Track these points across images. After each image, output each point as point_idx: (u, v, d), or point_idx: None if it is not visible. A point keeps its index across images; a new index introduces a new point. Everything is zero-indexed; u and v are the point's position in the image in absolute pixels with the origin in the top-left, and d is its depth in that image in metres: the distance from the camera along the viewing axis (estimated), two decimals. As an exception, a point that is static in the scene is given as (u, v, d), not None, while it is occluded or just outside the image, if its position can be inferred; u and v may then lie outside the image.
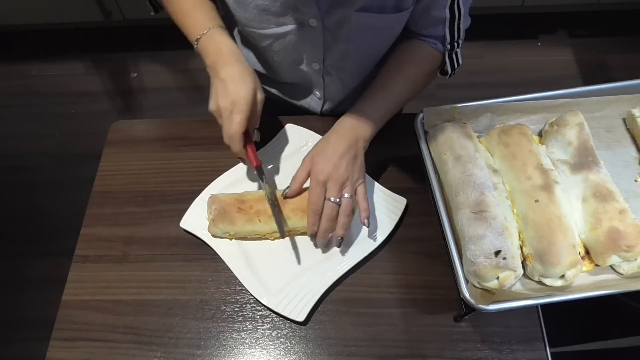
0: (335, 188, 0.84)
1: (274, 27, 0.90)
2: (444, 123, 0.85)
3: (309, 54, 0.96)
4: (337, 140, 0.87)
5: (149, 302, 0.88)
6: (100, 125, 1.53)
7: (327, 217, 0.84)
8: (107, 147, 1.06)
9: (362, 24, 0.87)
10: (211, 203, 0.90)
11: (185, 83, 2.48)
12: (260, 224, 0.88)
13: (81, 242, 0.95)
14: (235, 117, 0.82)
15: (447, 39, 0.92)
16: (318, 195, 0.84)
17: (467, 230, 0.73)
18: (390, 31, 0.92)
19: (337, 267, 0.88)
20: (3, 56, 2.61)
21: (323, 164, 0.85)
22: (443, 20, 0.89)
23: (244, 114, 0.82)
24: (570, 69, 2.40)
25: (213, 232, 0.90)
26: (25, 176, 2.22)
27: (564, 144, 0.82)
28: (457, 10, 0.88)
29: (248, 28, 0.93)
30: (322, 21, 0.87)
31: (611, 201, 0.75)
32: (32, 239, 2.04)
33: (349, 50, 0.93)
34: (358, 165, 0.87)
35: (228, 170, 0.99)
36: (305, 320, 0.84)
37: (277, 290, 0.86)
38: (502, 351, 0.81)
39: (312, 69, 1.00)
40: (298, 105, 1.14)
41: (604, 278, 0.75)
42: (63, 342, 0.85)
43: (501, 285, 0.71)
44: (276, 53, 0.97)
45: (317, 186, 0.84)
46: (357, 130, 0.89)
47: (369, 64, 1.02)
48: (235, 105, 0.82)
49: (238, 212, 0.88)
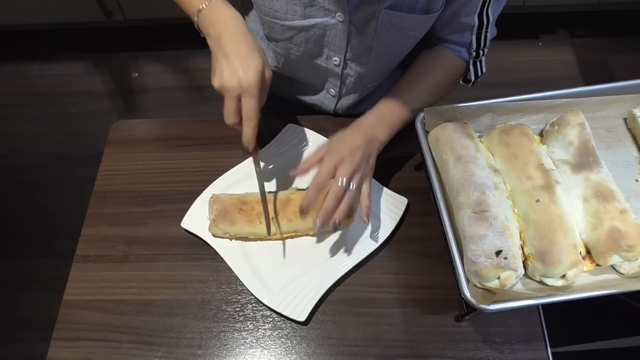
0: (347, 171, 0.81)
1: (299, 19, 0.89)
2: (445, 123, 0.85)
3: (331, 47, 0.95)
4: (355, 134, 0.87)
5: (150, 302, 0.88)
6: (101, 125, 1.53)
7: (333, 194, 0.81)
8: (108, 147, 1.06)
9: (389, 22, 0.86)
10: (212, 203, 0.90)
11: (186, 83, 2.48)
12: (261, 225, 0.89)
13: (82, 242, 0.95)
14: (248, 102, 0.77)
15: (473, 46, 0.92)
16: (327, 174, 0.81)
17: (468, 230, 0.73)
18: (415, 33, 0.91)
19: (338, 267, 0.88)
20: (4, 56, 2.61)
21: (340, 148, 0.83)
22: (471, 28, 0.89)
23: (256, 99, 0.77)
24: (571, 68, 2.40)
25: (214, 232, 0.90)
26: (26, 176, 2.22)
27: (565, 143, 0.82)
28: (486, 18, 0.88)
29: (272, 19, 0.91)
30: (349, 16, 0.87)
31: (612, 201, 0.74)
32: (33, 239, 2.04)
33: (372, 48, 0.92)
34: (370, 163, 0.87)
35: (229, 170, 0.99)
36: (307, 320, 0.84)
37: (278, 290, 0.86)
38: (503, 351, 0.81)
39: (332, 64, 0.98)
40: (311, 103, 1.13)
41: (605, 278, 0.75)
42: (64, 342, 0.85)
43: (502, 285, 0.71)
44: (296, 46, 0.95)
45: (329, 165, 0.81)
46: (374, 131, 0.89)
47: (389, 64, 1.01)
48: (245, 90, 0.76)
49: (239, 214, 0.88)
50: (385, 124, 0.90)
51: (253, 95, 0.76)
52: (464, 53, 0.95)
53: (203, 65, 2.48)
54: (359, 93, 1.06)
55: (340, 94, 1.07)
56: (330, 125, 1.06)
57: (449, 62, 0.96)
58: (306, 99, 1.13)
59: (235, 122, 0.79)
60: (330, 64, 0.98)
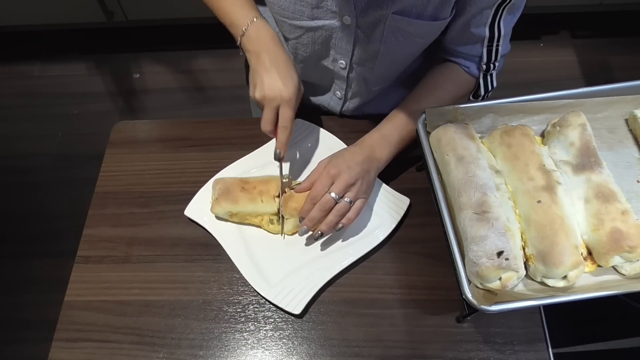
0: (341, 186, 0.85)
1: (307, 20, 0.90)
2: (447, 124, 0.85)
3: (337, 50, 0.95)
4: (356, 151, 0.89)
5: (151, 303, 0.88)
6: (102, 126, 1.54)
7: (321, 206, 0.84)
8: (109, 147, 1.07)
9: (396, 27, 0.86)
10: (216, 184, 0.92)
11: (187, 84, 2.48)
12: (263, 204, 0.90)
13: (83, 243, 0.95)
14: (286, 112, 0.84)
15: (483, 59, 0.92)
16: (323, 186, 0.85)
17: (469, 230, 0.73)
18: (422, 40, 0.90)
19: (337, 263, 0.88)
20: (5, 57, 2.61)
21: (338, 162, 0.87)
22: (482, 39, 0.89)
23: (294, 110, 0.85)
24: (572, 69, 2.40)
25: (216, 212, 0.91)
26: (28, 177, 2.23)
27: (566, 144, 0.82)
28: (497, 30, 0.88)
29: (280, 17, 0.93)
30: (356, 19, 0.87)
31: (613, 202, 0.74)
32: (34, 240, 2.05)
33: (378, 52, 0.92)
34: (368, 179, 0.88)
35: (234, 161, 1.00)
36: (302, 313, 0.84)
37: (275, 282, 0.87)
38: (505, 352, 0.81)
39: (338, 67, 0.99)
40: (317, 104, 1.14)
41: (607, 279, 0.74)
42: (65, 343, 0.85)
43: (503, 286, 0.71)
44: (304, 46, 0.96)
45: (325, 178, 0.85)
46: (375, 150, 0.90)
47: (395, 70, 1.01)
48: (284, 101, 0.84)
49: (241, 192, 0.90)
50: (387, 144, 0.91)
51: (291, 106, 0.85)
52: (473, 69, 0.94)
53: (204, 66, 2.49)
54: (364, 96, 1.06)
55: (346, 97, 1.07)
56: (335, 125, 1.06)
57: (458, 78, 0.96)
58: (313, 100, 1.14)
59: (271, 130, 0.86)
60: (336, 66, 0.99)
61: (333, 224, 0.85)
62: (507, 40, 0.91)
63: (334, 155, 0.89)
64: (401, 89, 1.09)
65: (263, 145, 1.02)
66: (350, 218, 0.86)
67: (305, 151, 1.02)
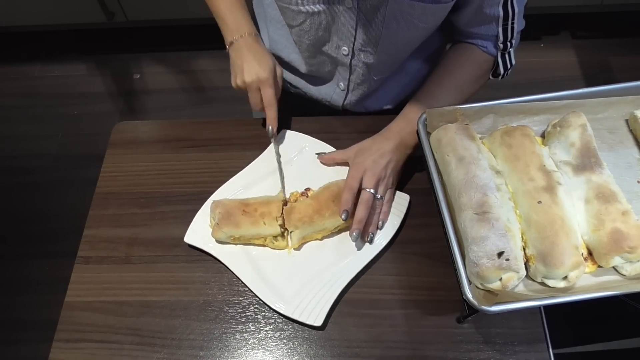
0: (372, 180, 0.88)
1: (309, 5, 0.91)
2: (447, 124, 0.85)
3: (340, 35, 0.95)
4: (382, 141, 0.91)
5: (152, 304, 0.88)
6: (103, 126, 1.54)
7: (364, 203, 0.87)
8: (109, 148, 1.07)
9: (398, 10, 0.86)
10: (215, 207, 0.90)
11: (188, 84, 2.49)
12: (265, 226, 0.89)
13: (84, 244, 0.95)
14: (268, 91, 0.93)
15: (500, 38, 0.93)
16: (355, 180, 0.89)
17: (469, 231, 0.73)
18: (424, 25, 0.90)
19: (351, 267, 0.87)
20: (6, 57, 2.62)
21: (364, 157, 0.90)
22: (496, 19, 0.90)
23: (273, 88, 0.93)
24: (572, 70, 2.40)
25: (217, 237, 0.90)
26: (28, 177, 2.23)
27: (566, 145, 0.82)
28: (511, 8, 0.89)
29: (283, 3, 0.94)
30: (357, 2, 0.87)
31: (614, 202, 0.74)
32: (34, 240, 2.05)
33: (380, 37, 0.92)
34: (396, 170, 0.91)
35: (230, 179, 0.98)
36: (323, 325, 0.84)
37: (291, 297, 0.85)
38: (505, 352, 0.81)
39: (341, 54, 0.99)
40: (319, 99, 1.14)
41: (607, 279, 0.74)
42: (66, 344, 0.85)
43: (504, 287, 0.71)
44: (307, 33, 0.97)
45: (356, 172, 0.89)
46: (403, 136, 0.92)
47: (397, 56, 1.00)
48: (262, 82, 0.92)
49: (243, 215, 0.88)
50: (414, 128, 0.90)
51: (270, 84, 0.93)
52: (491, 48, 0.95)
53: (205, 67, 2.49)
54: (367, 87, 1.07)
55: (348, 88, 1.07)
56: (339, 125, 1.06)
57: (476, 58, 0.96)
58: (316, 94, 1.14)
59: (261, 108, 0.95)
60: (339, 53, 0.99)
61: (377, 223, 0.90)
62: (521, 17, 0.92)
63: (360, 148, 0.92)
64: (402, 83, 1.10)
65: (249, 165, 1.00)
66: (386, 212, 0.90)
67: (301, 164, 1.00)
